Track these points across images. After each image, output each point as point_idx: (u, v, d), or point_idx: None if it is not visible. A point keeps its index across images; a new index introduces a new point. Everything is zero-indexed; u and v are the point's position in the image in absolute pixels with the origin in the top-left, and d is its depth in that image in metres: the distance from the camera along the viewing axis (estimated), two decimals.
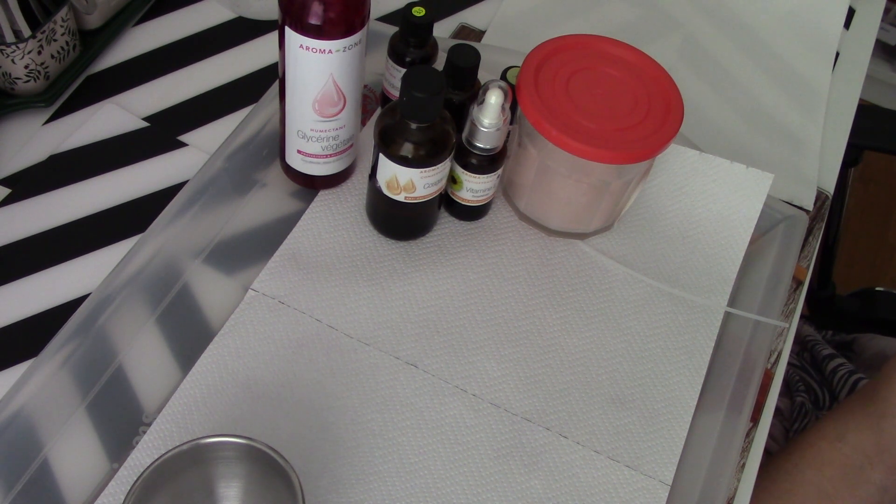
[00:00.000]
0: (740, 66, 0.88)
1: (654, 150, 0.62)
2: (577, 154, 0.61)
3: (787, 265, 0.70)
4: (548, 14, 0.89)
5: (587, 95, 0.64)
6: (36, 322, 0.63)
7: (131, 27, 0.81)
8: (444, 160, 0.62)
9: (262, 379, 0.60)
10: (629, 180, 0.66)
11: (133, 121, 0.75)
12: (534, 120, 0.62)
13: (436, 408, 0.61)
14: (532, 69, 0.64)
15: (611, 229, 0.71)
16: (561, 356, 0.65)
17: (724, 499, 0.59)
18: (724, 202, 0.72)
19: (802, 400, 0.88)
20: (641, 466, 0.61)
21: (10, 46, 0.69)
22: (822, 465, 0.72)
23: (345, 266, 0.66)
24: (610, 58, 0.66)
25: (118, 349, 0.61)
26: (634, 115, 0.63)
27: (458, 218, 0.70)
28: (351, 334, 0.63)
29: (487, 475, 0.59)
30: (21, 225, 0.68)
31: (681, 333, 0.67)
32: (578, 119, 0.62)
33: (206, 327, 0.63)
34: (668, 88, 0.65)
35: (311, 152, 0.65)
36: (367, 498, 0.57)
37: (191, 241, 0.66)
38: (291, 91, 0.61)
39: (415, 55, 0.68)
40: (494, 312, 0.66)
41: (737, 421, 0.61)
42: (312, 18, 0.56)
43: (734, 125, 0.83)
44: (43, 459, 0.56)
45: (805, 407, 0.87)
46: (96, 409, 0.58)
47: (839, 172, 0.82)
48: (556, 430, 0.61)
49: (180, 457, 0.49)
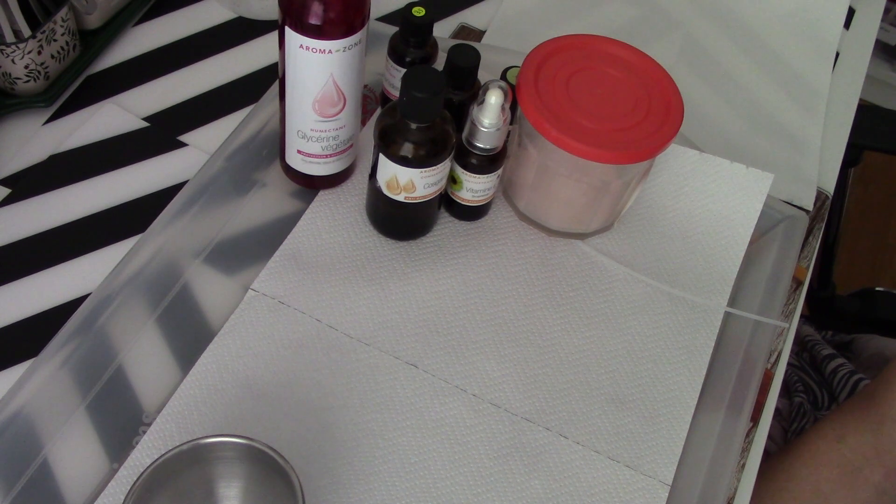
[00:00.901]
0: (740, 66, 0.88)
1: (654, 150, 0.62)
2: (577, 154, 0.61)
3: (787, 265, 0.70)
4: (548, 14, 0.89)
5: (587, 95, 0.64)
6: (36, 322, 0.63)
7: (131, 27, 0.81)
8: (444, 160, 0.62)
9: (262, 379, 0.60)
10: (629, 180, 0.66)
11: (133, 121, 0.75)
12: (534, 120, 0.62)
13: (436, 408, 0.61)
14: (532, 69, 0.64)
15: (611, 229, 0.71)
16: (561, 356, 0.65)
17: (724, 499, 0.59)
18: (723, 202, 0.72)
19: (801, 400, 0.88)
20: (641, 466, 0.61)
21: (10, 46, 0.69)
22: (820, 465, 0.72)
23: (345, 266, 0.66)
24: (610, 58, 0.66)
25: (118, 349, 0.61)
26: (634, 115, 0.63)
27: (458, 218, 0.70)
28: (351, 334, 0.63)
29: (487, 475, 0.59)
30: (21, 225, 0.68)
31: (681, 333, 0.67)
32: (578, 119, 0.62)
33: (206, 327, 0.63)
34: (668, 88, 0.65)
35: (311, 152, 0.65)
36: (367, 498, 0.57)
37: (191, 241, 0.66)
38: (291, 91, 0.61)
39: (415, 55, 0.68)
40: (494, 312, 0.66)
41: (737, 421, 0.61)
42: (312, 18, 0.56)
43: (734, 125, 0.83)
44: (43, 459, 0.56)
45: (803, 407, 0.87)
46: (96, 409, 0.58)
47: (839, 172, 0.82)
48: (556, 430, 0.61)
49: (180, 457, 0.49)
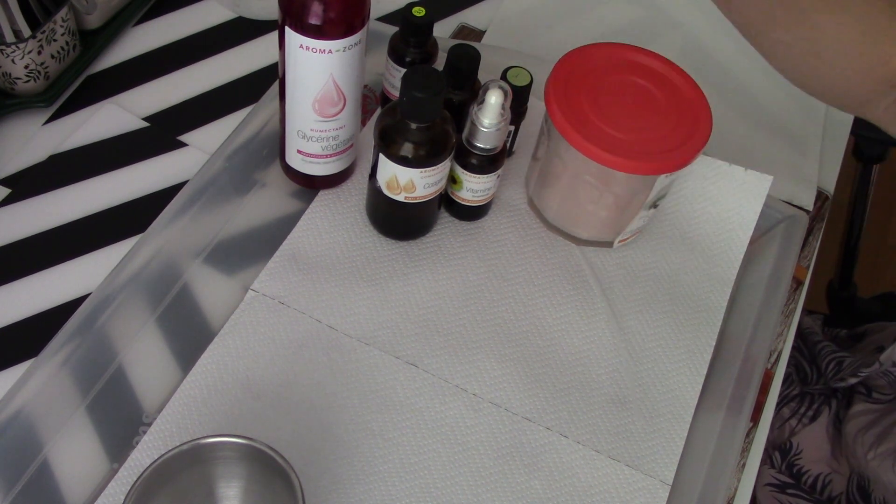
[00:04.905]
0: (740, 66, 0.88)
1: (684, 160, 0.61)
2: (606, 165, 0.61)
3: (787, 265, 0.70)
4: (548, 14, 0.89)
5: (616, 105, 0.63)
6: (36, 322, 0.63)
7: (131, 27, 0.81)
8: (444, 160, 0.62)
9: (262, 379, 0.60)
10: (659, 190, 0.65)
11: (133, 121, 0.75)
12: (563, 129, 0.61)
13: (436, 408, 0.61)
14: (561, 78, 0.63)
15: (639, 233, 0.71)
16: (561, 356, 0.65)
17: (724, 498, 0.58)
18: (723, 204, 0.72)
19: (790, 371, 0.89)
20: (642, 466, 0.61)
21: (10, 46, 0.69)
22: None
23: (345, 266, 0.66)
24: (638, 67, 0.65)
25: (118, 349, 0.61)
26: (663, 125, 0.62)
27: (458, 218, 0.70)
28: (351, 334, 0.63)
29: (487, 475, 0.59)
30: (21, 225, 0.68)
31: (681, 333, 0.67)
32: (608, 129, 0.61)
33: (206, 327, 0.63)
34: (696, 98, 0.64)
35: (311, 152, 0.65)
36: (367, 498, 0.57)
37: (191, 241, 0.66)
38: (291, 91, 0.61)
39: (415, 55, 0.68)
40: (494, 312, 0.66)
41: (737, 421, 0.61)
42: (312, 18, 0.56)
43: (734, 125, 0.83)
44: (43, 459, 0.56)
45: (791, 378, 0.88)
46: (96, 409, 0.58)
47: (860, 170, 0.81)
48: (556, 430, 0.61)
49: (180, 457, 0.49)
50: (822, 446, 0.87)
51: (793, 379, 0.89)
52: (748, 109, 0.85)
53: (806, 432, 0.87)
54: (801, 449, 0.86)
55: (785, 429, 0.88)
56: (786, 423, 0.88)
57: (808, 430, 0.87)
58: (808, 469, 0.86)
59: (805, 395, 0.89)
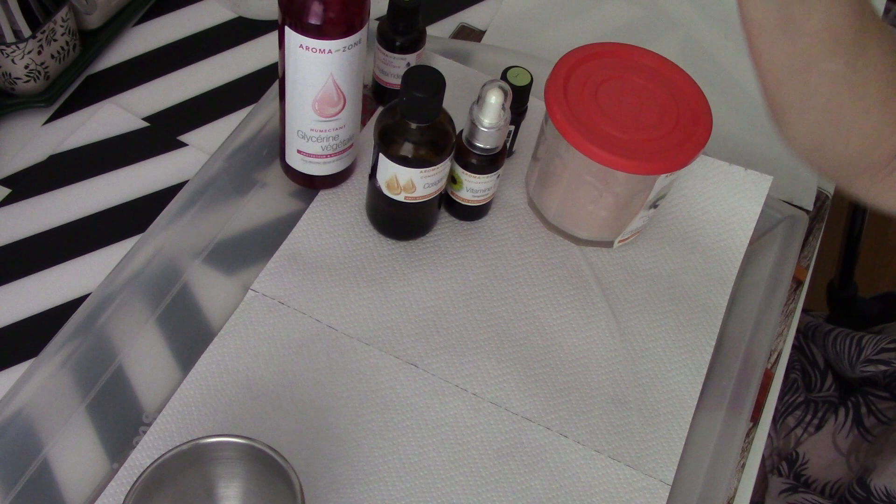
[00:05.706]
0: (740, 67, 0.88)
1: (684, 160, 0.61)
2: (606, 164, 0.61)
3: (787, 265, 0.70)
4: (548, 14, 0.89)
5: (616, 105, 0.63)
6: (36, 322, 0.63)
7: (131, 27, 0.81)
8: (444, 160, 0.62)
9: (262, 379, 0.60)
10: (659, 189, 0.65)
11: (133, 121, 0.75)
12: (563, 129, 0.61)
13: (436, 408, 0.61)
14: (561, 78, 0.63)
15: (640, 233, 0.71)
16: (561, 356, 0.65)
17: (724, 499, 0.58)
18: (723, 204, 0.72)
19: (796, 377, 0.89)
20: (642, 466, 0.61)
21: (10, 46, 0.69)
22: None
23: (345, 266, 0.66)
24: (639, 67, 0.66)
25: (118, 349, 0.61)
26: (663, 125, 0.63)
27: (458, 218, 0.70)
28: (351, 334, 0.63)
29: (487, 475, 0.59)
30: (21, 225, 0.68)
31: (681, 333, 0.67)
32: (608, 129, 0.62)
33: (206, 327, 0.63)
34: (696, 98, 0.64)
35: (311, 152, 0.65)
36: (367, 498, 0.57)
37: (191, 241, 0.66)
38: (291, 91, 0.61)
39: (403, 40, 0.69)
40: (494, 312, 0.66)
41: (737, 421, 0.61)
42: (312, 18, 0.56)
43: (734, 125, 0.83)
44: (43, 459, 0.56)
45: (797, 384, 0.88)
46: (96, 409, 0.58)
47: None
48: (556, 430, 0.61)
49: (180, 457, 0.49)
50: (828, 455, 0.86)
51: (797, 385, 0.89)
52: (748, 109, 0.85)
53: (812, 441, 0.87)
54: (808, 459, 0.86)
55: (791, 438, 0.88)
56: (791, 433, 0.88)
57: (814, 440, 0.87)
58: (816, 479, 0.86)
59: (810, 403, 0.89)
